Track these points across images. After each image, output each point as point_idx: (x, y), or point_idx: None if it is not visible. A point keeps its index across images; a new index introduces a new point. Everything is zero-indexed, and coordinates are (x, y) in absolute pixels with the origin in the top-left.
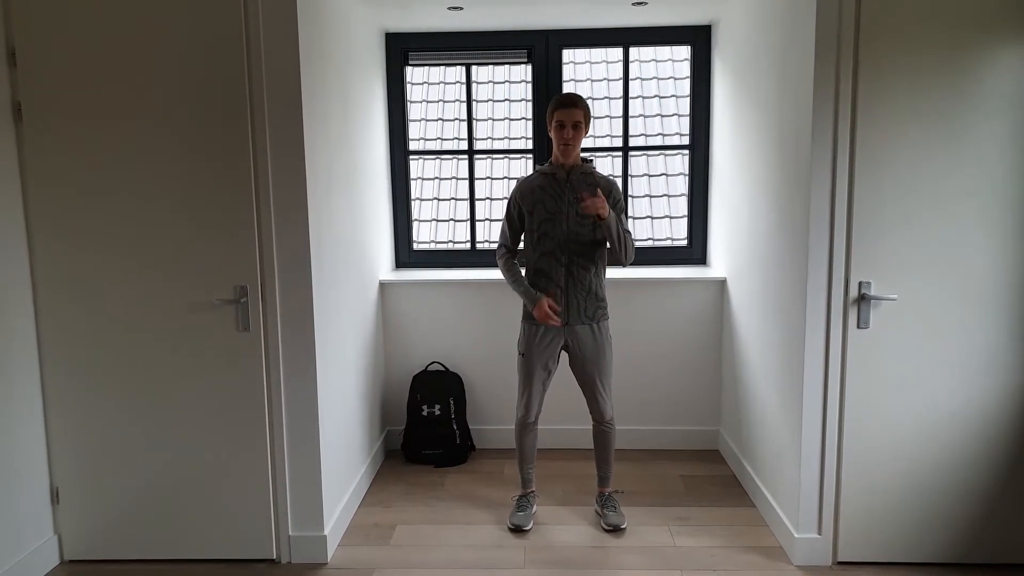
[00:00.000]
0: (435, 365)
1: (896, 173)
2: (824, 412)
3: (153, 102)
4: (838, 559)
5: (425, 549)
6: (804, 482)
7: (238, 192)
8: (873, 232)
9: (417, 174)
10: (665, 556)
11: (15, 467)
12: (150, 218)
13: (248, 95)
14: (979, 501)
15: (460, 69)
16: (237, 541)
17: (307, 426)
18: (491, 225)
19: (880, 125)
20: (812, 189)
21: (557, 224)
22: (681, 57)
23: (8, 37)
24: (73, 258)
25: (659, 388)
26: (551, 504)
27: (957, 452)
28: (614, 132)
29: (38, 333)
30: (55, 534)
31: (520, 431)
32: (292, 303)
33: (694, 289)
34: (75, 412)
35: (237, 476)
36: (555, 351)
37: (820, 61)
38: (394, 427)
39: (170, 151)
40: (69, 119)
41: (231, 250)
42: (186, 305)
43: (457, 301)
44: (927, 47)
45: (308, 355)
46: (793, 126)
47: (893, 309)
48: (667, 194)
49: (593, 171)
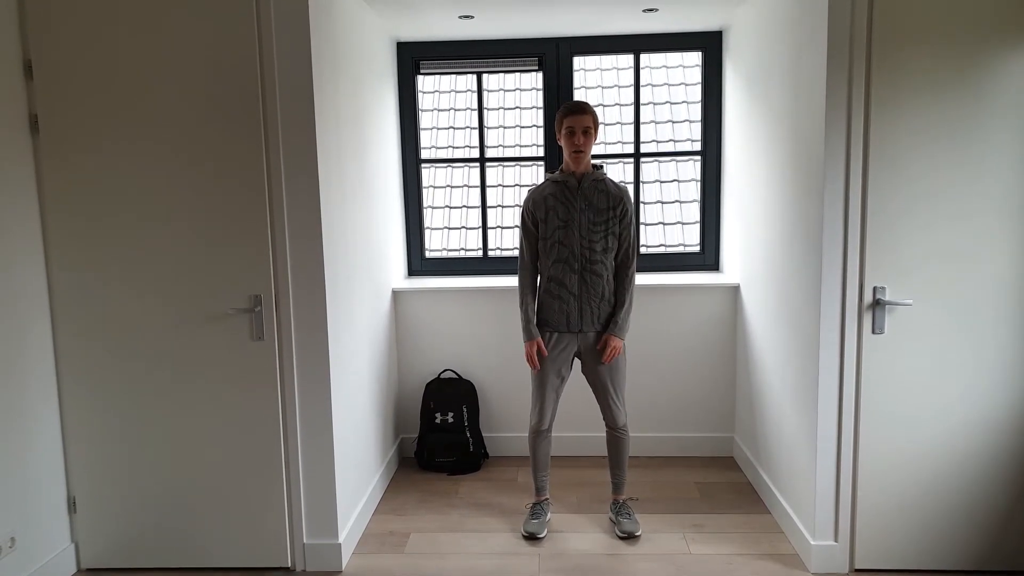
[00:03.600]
0: (448, 373)
1: (910, 177)
2: (840, 418)
3: (168, 113)
4: (855, 566)
5: (440, 557)
6: (820, 488)
7: (252, 201)
8: (887, 237)
9: (429, 182)
10: (680, 563)
11: (33, 476)
12: (165, 228)
13: (261, 105)
14: (997, 508)
15: (471, 77)
16: (252, 549)
17: (321, 434)
18: (502, 232)
19: (894, 129)
20: (826, 194)
21: (570, 232)
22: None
23: (25, 50)
24: (89, 268)
25: (673, 394)
26: (565, 512)
27: (974, 458)
28: (625, 138)
29: (55, 343)
30: (72, 542)
31: (534, 438)
32: (306, 312)
33: (707, 295)
34: (92, 421)
35: (252, 484)
36: (568, 358)
37: (833, 66)
38: (408, 435)
39: (185, 161)
40: (85, 131)
41: (245, 259)
42: (201, 315)
43: (469, 309)
44: (941, 51)
45: (322, 363)
46: (806, 131)
47: (908, 314)
48: (679, 200)
49: (604, 177)
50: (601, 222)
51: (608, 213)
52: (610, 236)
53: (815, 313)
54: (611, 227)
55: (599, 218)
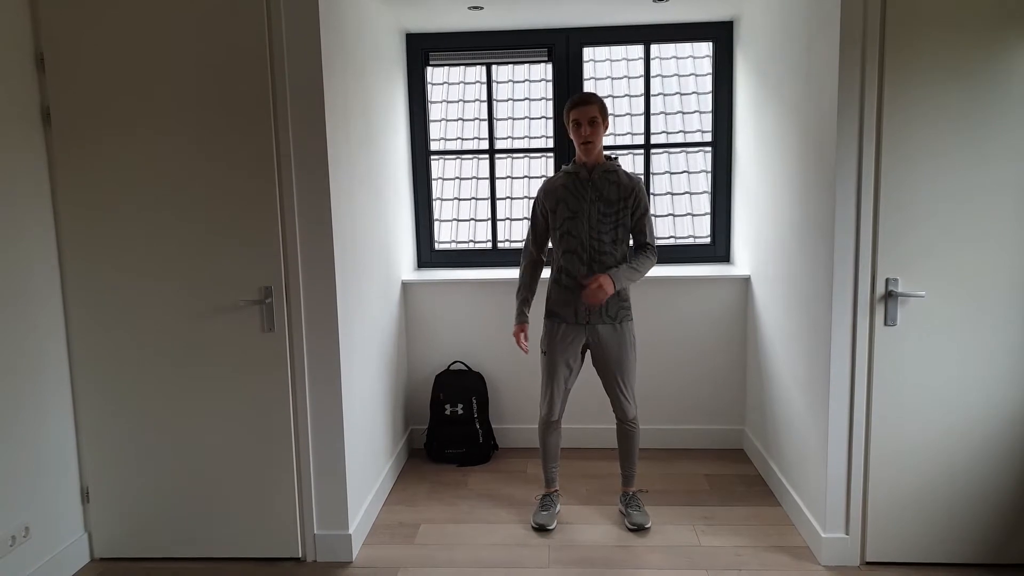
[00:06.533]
0: (457, 364)
1: (923, 168)
2: (851, 410)
3: (178, 106)
4: (866, 559)
5: (449, 548)
6: (831, 481)
7: (263, 193)
8: (900, 228)
9: (438, 174)
10: (690, 556)
11: (47, 467)
12: (176, 220)
13: (272, 98)
14: (1009, 501)
15: (480, 69)
16: (263, 540)
17: (331, 425)
18: (512, 224)
19: (907, 119)
20: (837, 185)
21: (579, 222)
22: (702, 54)
23: (37, 42)
24: (101, 260)
25: (683, 387)
26: (575, 503)
27: (986, 450)
28: (635, 130)
29: (68, 335)
30: (86, 532)
31: (543, 430)
32: (316, 303)
33: (718, 287)
34: (105, 413)
35: (263, 475)
36: (577, 350)
37: (845, 54)
38: (417, 426)
39: (195, 153)
40: (97, 123)
41: (256, 251)
42: (212, 306)
43: (479, 300)
44: (956, 40)
45: (332, 354)
46: (818, 121)
47: (921, 306)
48: (689, 191)
49: (616, 168)
50: (611, 213)
51: (619, 204)
52: (620, 228)
53: (826, 305)
54: (621, 218)
55: (609, 209)
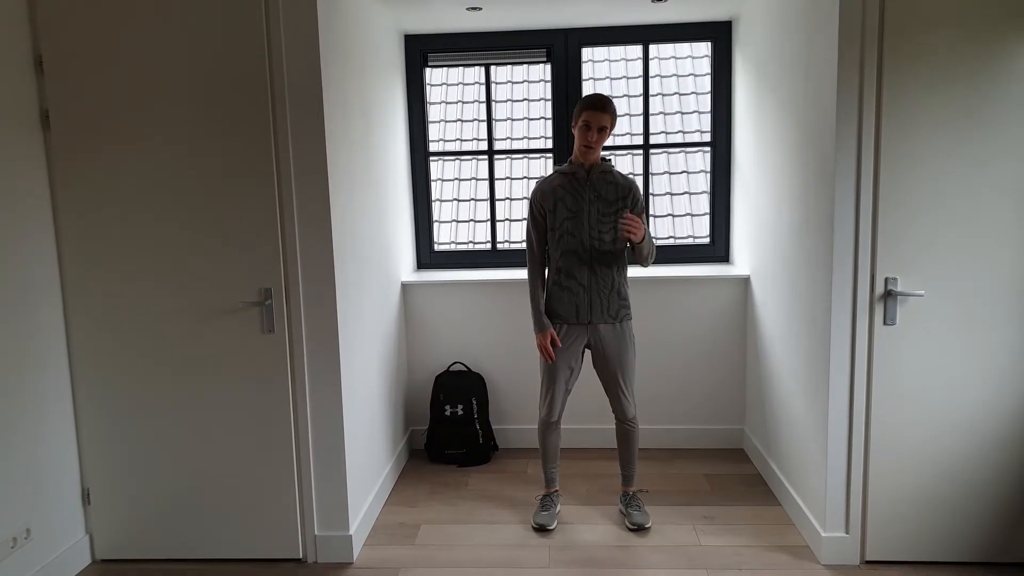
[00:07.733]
0: (457, 365)
1: (922, 167)
2: (851, 410)
3: (177, 107)
4: (866, 558)
5: (450, 548)
6: (831, 480)
7: (262, 195)
8: (899, 227)
9: (437, 175)
10: (690, 555)
11: (48, 469)
12: (175, 222)
13: (270, 99)
14: (1011, 499)
15: (479, 69)
16: (264, 541)
17: (332, 426)
18: (511, 225)
19: (906, 118)
20: (836, 184)
21: (579, 223)
22: (701, 54)
23: (36, 45)
24: (101, 261)
25: (683, 387)
26: (575, 503)
27: (987, 449)
28: (634, 130)
29: (68, 338)
30: (87, 534)
31: (543, 430)
32: (316, 305)
33: (717, 287)
34: (105, 414)
35: (264, 476)
36: (578, 350)
37: (844, 53)
38: (417, 427)
39: (195, 155)
40: (96, 126)
41: (255, 253)
42: (212, 308)
43: (479, 301)
44: (955, 39)
45: (332, 355)
46: (816, 120)
47: (920, 305)
48: (688, 191)
49: (612, 169)
50: (610, 213)
51: (617, 204)
52: (619, 229)
53: (826, 304)
54: (620, 218)
55: (608, 209)
